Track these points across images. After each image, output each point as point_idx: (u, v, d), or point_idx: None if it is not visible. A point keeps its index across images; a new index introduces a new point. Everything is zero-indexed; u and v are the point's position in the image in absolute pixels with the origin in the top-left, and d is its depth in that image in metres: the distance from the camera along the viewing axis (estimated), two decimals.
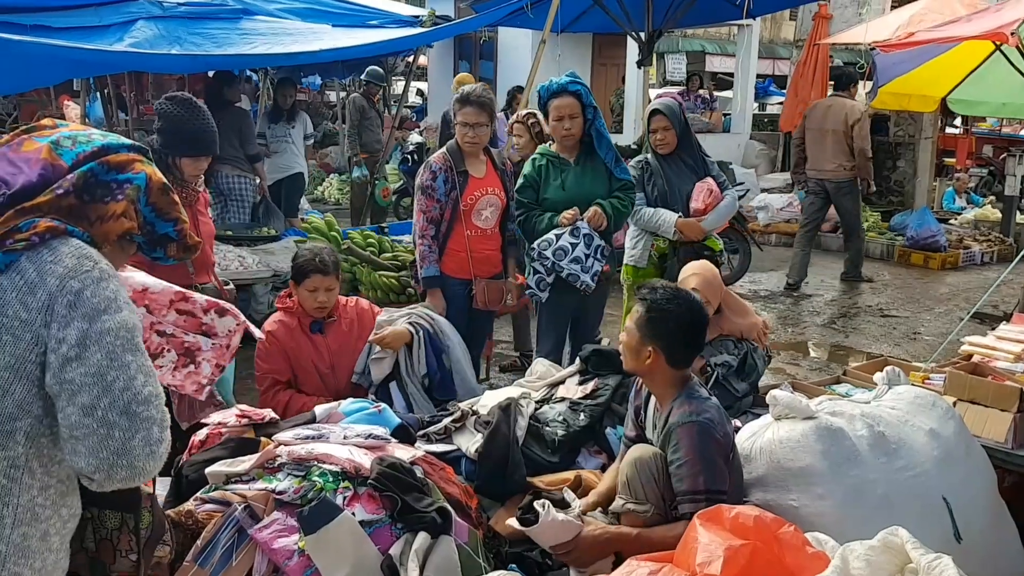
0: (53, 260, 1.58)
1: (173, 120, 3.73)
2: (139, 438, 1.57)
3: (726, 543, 2.30)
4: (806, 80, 11.72)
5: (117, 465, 1.56)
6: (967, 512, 3.02)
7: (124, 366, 1.57)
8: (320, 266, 3.89)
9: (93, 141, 1.71)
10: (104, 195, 1.68)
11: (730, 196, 4.91)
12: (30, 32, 5.77)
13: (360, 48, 7.25)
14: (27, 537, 1.59)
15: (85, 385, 1.53)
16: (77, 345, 1.54)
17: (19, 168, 1.63)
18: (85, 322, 1.55)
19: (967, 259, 10.19)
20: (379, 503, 2.77)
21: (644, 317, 2.93)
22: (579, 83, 4.50)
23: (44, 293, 1.55)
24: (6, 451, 1.55)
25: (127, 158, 1.74)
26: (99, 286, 1.59)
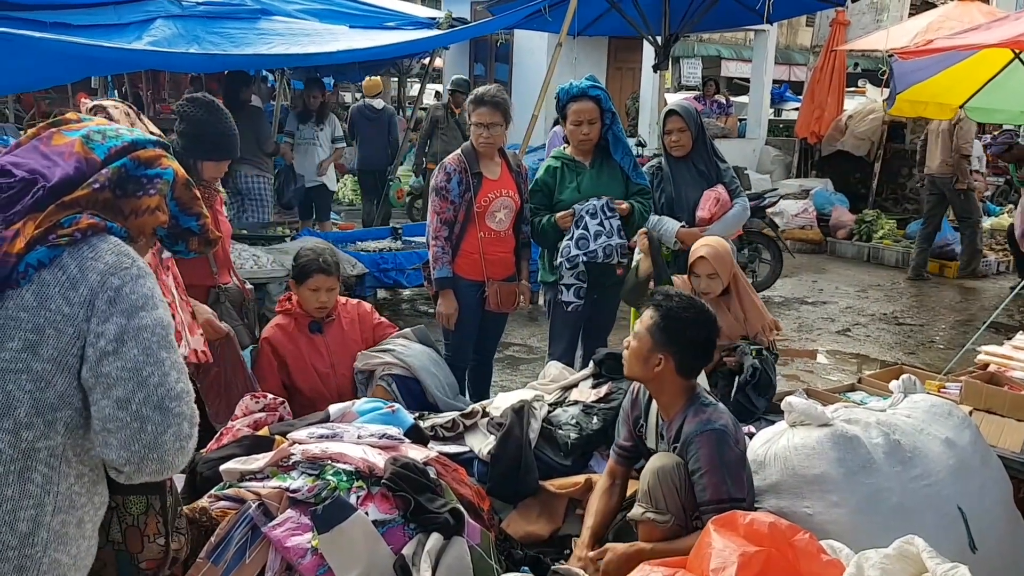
0: (94, 256, 1.61)
1: (195, 123, 3.70)
2: (170, 433, 1.61)
3: (740, 549, 2.30)
4: (823, 86, 11.68)
5: (148, 459, 1.60)
6: (982, 522, 3.00)
7: (159, 362, 1.60)
8: (323, 266, 3.92)
9: (122, 136, 1.74)
10: (136, 190, 1.72)
11: (739, 205, 4.86)
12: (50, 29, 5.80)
13: (377, 49, 7.28)
14: (65, 524, 1.63)
15: (121, 379, 1.57)
16: (115, 340, 1.57)
17: (54, 161, 1.66)
18: (123, 318, 1.58)
19: (983, 268, 10.12)
20: (392, 503, 2.77)
21: (658, 324, 2.91)
22: (599, 88, 4.50)
23: (86, 288, 1.58)
24: (47, 440, 1.59)
25: (155, 154, 1.77)
26: (137, 283, 1.63)
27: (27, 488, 1.57)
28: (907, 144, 12.12)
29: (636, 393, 3.18)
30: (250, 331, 4.01)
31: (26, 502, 1.57)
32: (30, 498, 1.58)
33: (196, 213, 1.85)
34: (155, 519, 1.91)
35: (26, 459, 1.57)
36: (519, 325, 7.06)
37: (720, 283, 4.06)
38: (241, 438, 3.19)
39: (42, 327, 1.56)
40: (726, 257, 4.09)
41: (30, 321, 1.56)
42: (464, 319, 4.51)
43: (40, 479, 1.59)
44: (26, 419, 1.56)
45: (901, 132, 12.17)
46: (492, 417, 3.55)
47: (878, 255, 10.62)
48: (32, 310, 1.56)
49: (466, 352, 4.67)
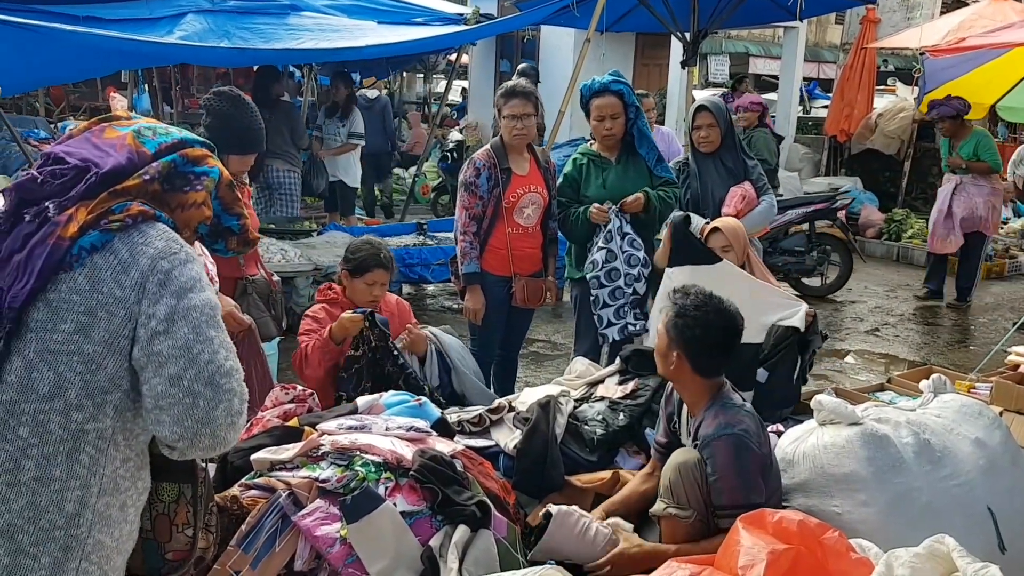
0: (144, 242, 1.66)
1: (222, 117, 3.72)
2: (222, 408, 1.63)
3: (769, 547, 2.29)
4: (852, 84, 11.58)
5: (201, 433, 1.62)
6: (1012, 523, 2.98)
7: (208, 340, 1.64)
8: (384, 261, 3.96)
9: (171, 134, 1.80)
10: (183, 184, 1.77)
11: (766, 202, 4.82)
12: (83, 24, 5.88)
13: (404, 45, 7.31)
14: (109, 507, 1.66)
15: (172, 357, 1.60)
16: (166, 320, 1.61)
17: (106, 152, 1.71)
18: (173, 299, 1.63)
19: (1013, 269, 10.02)
20: (420, 495, 2.79)
21: (673, 322, 2.91)
22: (622, 82, 4.48)
23: (137, 272, 1.62)
24: (96, 423, 1.62)
25: (202, 153, 1.83)
26: (185, 267, 1.67)
27: (74, 469, 1.60)
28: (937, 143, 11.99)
29: (670, 389, 3.18)
30: (277, 323, 4.03)
31: (73, 483, 1.60)
32: (77, 479, 1.60)
33: (237, 213, 1.91)
34: (185, 508, 1.92)
35: (75, 440, 1.60)
36: (544, 321, 7.06)
37: (734, 257, 4.05)
38: (271, 428, 3.22)
39: (94, 309, 1.59)
40: (740, 232, 4.12)
41: (83, 304, 1.59)
42: (491, 314, 4.51)
43: (88, 460, 1.61)
44: (76, 400, 1.59)
45: (931, 131, 12.03)
46: (518, 412, 3.56)
47: (907, 254, 10.52)
48: (85, 293, 1.60)
49: (492, 347, 4.68)
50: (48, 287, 1.59)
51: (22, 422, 1.57)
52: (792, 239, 8.21)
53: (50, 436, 1.58)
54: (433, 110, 14.80)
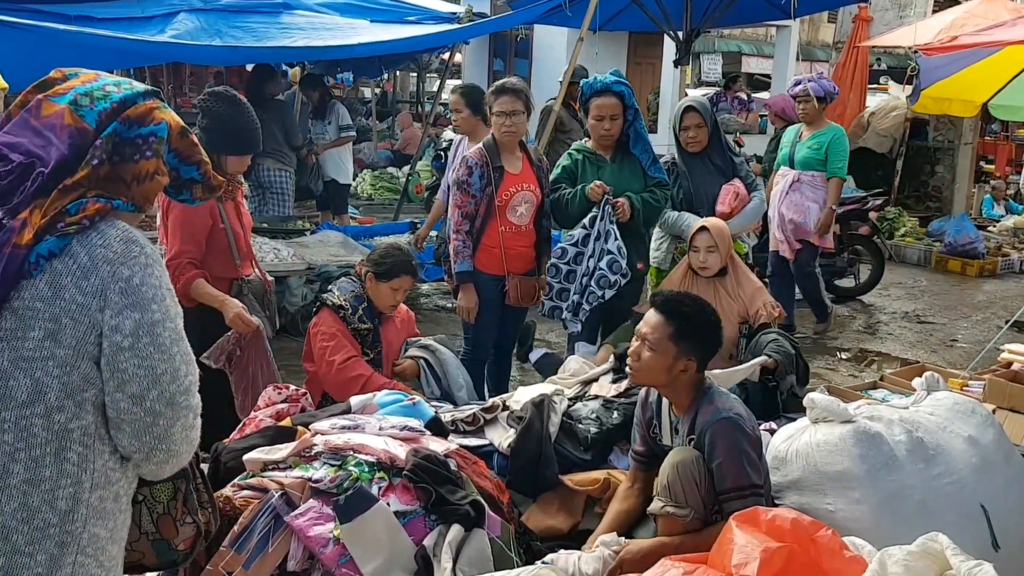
0: (103, 244, 1.62)
1: (218, 118, 3.69)
2: (179, 425, 1.66)
3: (762, 545, 2.29)
4: (845, 83, 11.59)
5: (157, 449, 1.66)
6: (1005, 520, 2.98)
7: (171, 358, 1.64)
8: (413, 269, 4.01)
9: (110, 96, 1.70)
10: (133, 153, 1.70)
11: (757, 198, 4.87)
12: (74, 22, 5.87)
13: (397, 43, 7.31)
14: (103, 499, 1.66)
15: (136, 376, 1.60)
16: (131, 335, 1.60)
17: (47, 139, 1.64)
18: (137, 312, 1.60)
19: (1005, 267, 10.05)
20: (413, 494, 2.79)
21: (679, 331, 2.89)
22: (623, 83, 4.49)
23: (96, 278, 1.60)
24: (79, 420, 1.62)
25: (145, 108, 1.73)
26: (147, 272, 1.64)
27: (64, 468, 1.61)
28: (930, 141, 12.03)
29: (645, 396, 3.18)
30: (272, 323, 4.02)
31: (64, 481, 1.61)
32: (68, 477, 1.61)
33: (197, 161, 1.82)
34: (181, 502, 1.93)
35: (61, 440, 1.60)
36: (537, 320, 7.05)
37: (718, 258, 4.09)
38: (264, 428, 3.21)
39: (58, 316, 1.58)
40: (726, 233, 4.15)
41: (47, 311, 1.57)
42: (484, 313, 4.51)
43: (76, 458, 1.62)
44: (56, 402, 1.59)
45: (924, 129, 12.07)
46: (512, 410, 3.56)
47: (900, 253, 10.55)
48: (47, 300, 1.58)
49: (486, 346, 4.67)
50: (12, 295, 1.57)
51: (5, 429, 1.57)
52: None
53: (35, 439, 1.58)
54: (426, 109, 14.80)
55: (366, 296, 3.98)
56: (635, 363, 2.97)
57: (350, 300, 3.95)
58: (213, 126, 3.68)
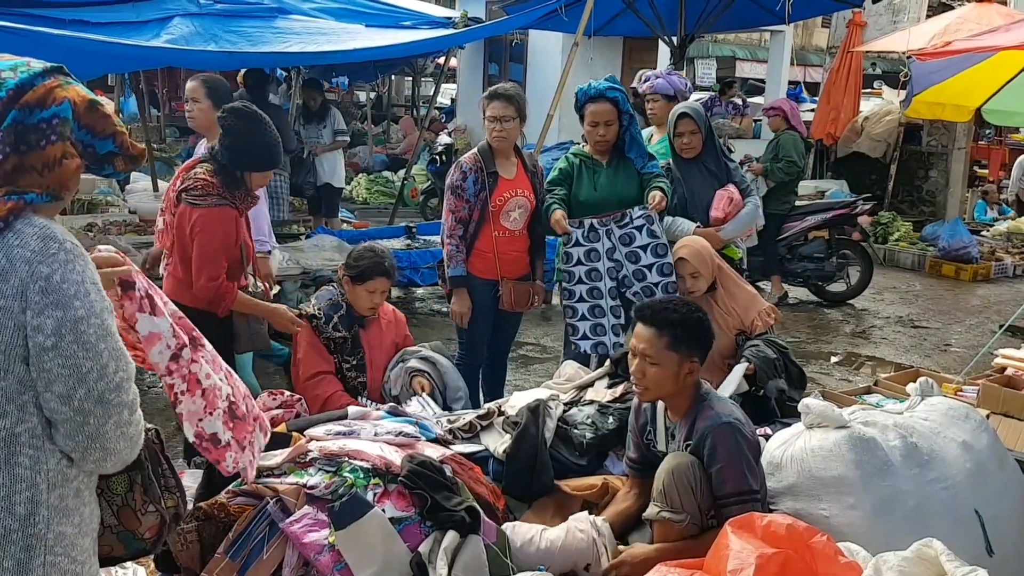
0: (20, 244, 1.59)
1: (241, 135, 3.63)
2: (111, 423, 1.64)
3: (758, 551, 2.29)
4: (839, 87, 11.62)
5: (91, 448, 1.64)
6: (999, 525, 2.99)
7: (97, 355, 1.61)
8: (387, 271, 3.98)
9: (5, 83, 1.63)
10: (38, 139, 1.64)
11: (752, 204, 4.86)
12: (70, 27, 5.85)
13: (392, 48, 7.30)
14: (63, 498, 1.66)
15: (61, 376, 1.58)
16: (53, 335, 1.57)
17: None
18: (59, 310, 1.57)
19: (999, 271, 10.09)
20: (409, 500, 2.79)
21: (676, 337, 2.88)
22: (618, 89, 4.48)
23: (16, 279, 1.57)
24: (25, 424, 1.61)
25: (44, 89, 1.66)
26: (67, 268, 1.60)
27: (17, 472, 1.60)
28: (923, 146, 12.07)
29: (639, 402, 3.18)
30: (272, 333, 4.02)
31: (19, 486, 1.60)
32: (22, 481, 1.60)
33: (111, 133, 1.75)
34: (139, 491, 1.92)
35: (8, 447, 1.60)
36: (532, 324, 7.06)
37: (704, 281, 4.09)
38: None
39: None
40: (705, 253, 4.13)
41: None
42: (478, 318, 4.51)
43: (28, 461, 1.61)
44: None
45: (917, 134, 12.11)
46: (507, 416, 3.55)
47: (894, 257, 10.58)
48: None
49: (480, 351, 4.67)
50: None
51: None
52: (812, 245, 8.23)
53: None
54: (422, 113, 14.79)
55: (344, 302, 3.98)
56: (642, 381, 2.94)
57: (324, 308, 3.95)
58: (235, 144, 3.62)
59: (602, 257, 4.35)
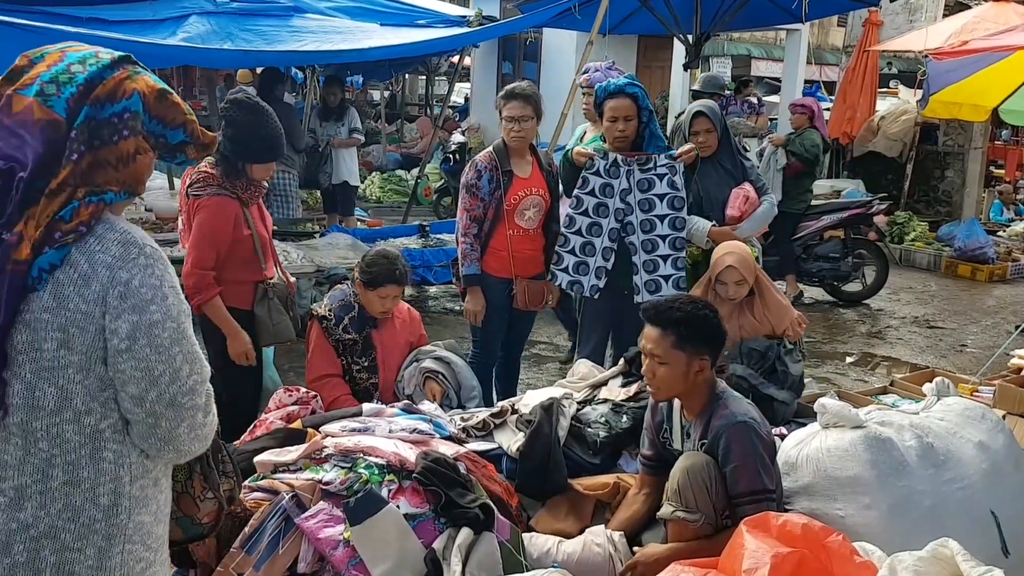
0: (101, 249, 1.61)
1: (242, 127, 3.68)
2: (184, 426, 1.67)
3: (773, 550, 2.29)
4: (855, 86, 11.57)
5: (164, 450, 1.68)
6: (1015, 526, 2.98)
7: (170, 358, 1.63)
8: (398, 277, 3.97)
9: (75, 78, 1.63)
10: (111, 134, 1.63)
11: (768, 202, 4.84)
12: (86, 25, 5.88)
13: (407, 47, 7.30)
14: (143, 488, 1.70)
15: (134, 378, 1.61)
16: (128, 338, 1.60)
17: (21, 137, 1.59)
18: (135, 314, 1.60)
19: (1015, 272, 10.02)
20: (423, 497, 2.79)
21: (679, 337, 2.87)
22: (637, 85, 4.49)
23: (97, 284, 1.59)
24: (108, 419, 1.64)
25: (114, 82, 1.65)
26: (146, 273, 1.62)
27: (101, 466, 1.64)
28: (940, 146, 12.00)
29: (655, 402, 3.17)
30: (295, 324, 4.03)
31: (103, 478, 1.64)
32: (105, 474, 1.65)
33: (182, 123, 1.74)
34: (199, 479, 1.97)
35: (93, 442, 1.63)
36: (545, 323, 7.05)
37: (747, 287, 4.05)
38: (274, 430, 3.22)
39: (65, 326, 1.58)
40: (750, 260, 4.10)
41: (54, 321, 1.58)
42: (492, 316, 4.51)
43: (111, 455, 1.65)
44: (84, 407, 1.62)
45: (934, 134, 12.04)
46: (521, 414, 3.56)
47: (910, 257, 10.53)
48: (53, 311, 1.58)
49: (493, 349, 4.67)
50: (22, 307, 1.57)
51: (39, 437, 1.60)
52: (827, 245, 8.20)
53: (68, 444, 1.61)
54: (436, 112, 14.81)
55: (357, 303, 3.99)
56: (652, 381, 2.95)
57: (335, 310, 3.96)
58: (237, 135, 3.66)
59: (615, 195, 4.38)
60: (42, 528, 1.61)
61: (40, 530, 1.61)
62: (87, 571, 1.63)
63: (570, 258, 4.45)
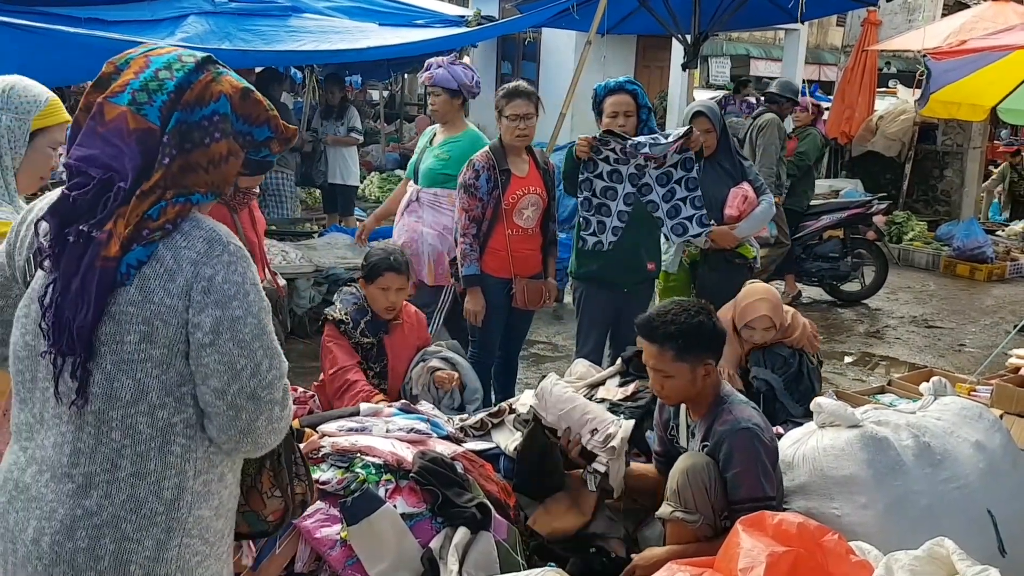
0: (187, 245, 1.65)
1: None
2: (263, 419, 1.70)
3: (769, 549, 2.29)
4: (854, 86, 11.57)
5: (242, 442, 1.71)
6: (1012, 526, 2.98)
7: (252, 353, 1.67)
8: (394, 264, 3.93)
9: (165, 86, 1.67)
10: (202, 136, 1.68)
11: (766, 202, 4.85)
12: (85, 25, 5.89)
13: (405, 46, 7.31)
14: (207, 483, 1.72)
15: (216, 371, 1.65)
16: (211, 332, 1.64)
17: (117, 148, 1.64)
18: (218, 309, 1.64)
19: (1014, 271, 10.02)
20: (420, 496, 2.80)
21: (679, 350, 2.86)
22: (635, 83, 4.55)
23: (182, 279, 1.63)
24: (181, 414, 1.68)
25: (201, 85, 1.69)
26: (229, 270, 1.66)
27: (168, 460, 1.67)
28: (938, 145, 12.00)
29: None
30: (284, 328, 4.02)
31: (168, 472, 1.67)
32: (172, 468, 1.68)
33: (266, 119, 1.78)
34: (268, 475, 1.97)
35: (164, 435, 1.67)
36: (544, 323, 7.06)
37: (774, 332, 4.01)
38: None
39: (149, 319, 1.62)
40: (781, 306, 4.06)
41: (138, 315, 1.62)
42: (491, 316, 4.51)
43: (179, 450, 1.68)
44: (158, 400, 1.65)
45: (932, 133, 12.04)
46: (519, 414, 3.56)
47: (908, 257, 10.53)
48: (138, 304, 1.62)
49: (493, 350, 4.67)
50: (108, 300, 1.62)
51: (113, 427, 1.64)
52: (826, 245, 8.21)
53: (140, 436, 1.65)
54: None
55: (368, 307, 3.97)
56: (662, 392, 2.98)
57: (352, 313, 3.94)
58: None
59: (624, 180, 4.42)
60: (105, 517, 1.65)
61: (103, 519, 1.64)
62: (145, 561, 1.66)
63: (593, 220, 4.49)
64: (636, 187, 4.44)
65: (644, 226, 4.55)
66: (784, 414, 3.86)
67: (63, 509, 1.65)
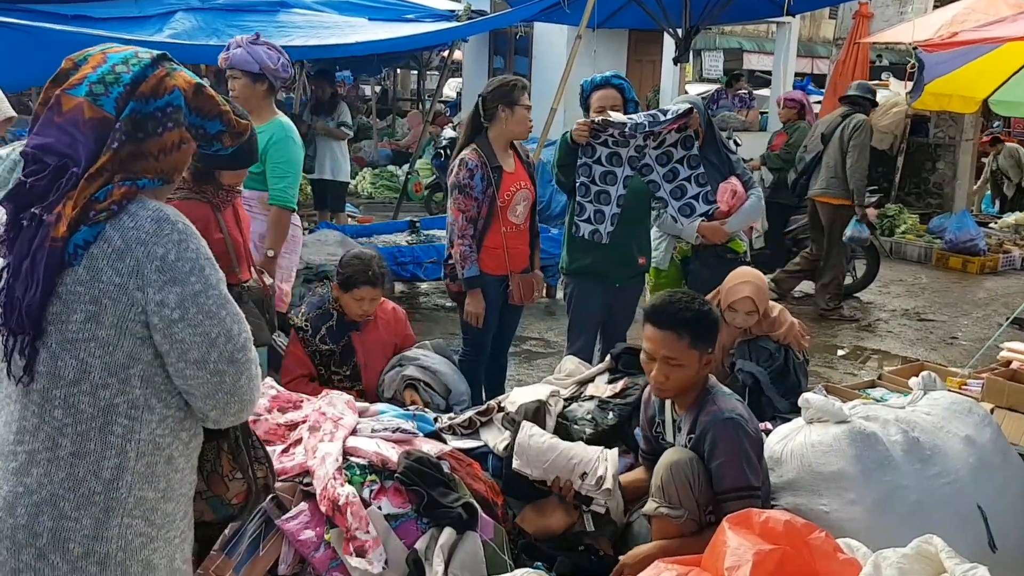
0: (135, 226, 1.69)
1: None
2: (244, 378, 1.78)
3: (755, 547, 2.27)
4: (846, 79, 11.52)
5: (230, 403, 1.78)
6: (1003, 521, 2.97)
7: (221, 320, 1.73)
8: (371, 279, 3.94)
9: (121, 79, 1.73)
10: (156, 127, 1.74)
11: (755, 196, 4.82)
12: (71, 22, 5.85)
13: (395, 41, 7.30)
14: (151, 465, 1.75)
15: (195, 343, 1.70)
16: (178, 307, 1.68)
17: (72, 136, 1.69)
18: (178, 285, 1.69)
19: (1006, 264, 10.02)
20: (405, 497, 2.78)
21: (694, 337, 2.84)
22: (622, 78, 4.53)
23: (132, 259, 1.67)
24: (125, 396, 1.71)
25: (156, 79, 1.75)
26: (180, 248, 1.70)
27: (108, 440, 1.70)
28: (931, 138, 11.99)
29: (648, 396, 3.17)
30: (271, 327, 3.99)
31: (109, 452, 1.71)
32: (112, 448, 1.71)
33: (218, 113, 1.86)
34: (227, 458, 2.01)
35: (106, 416, 1.70)
36: (536, 319, 7.04)
37: (756, 317, 4.01)
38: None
39: (98, 298, 1.66)
40: (765, 288, 4.06)
41: (87, 293, 1.66)
42: (488, 315, 4.46)
43: (121, 430, 1.71)
44: (101, 380, 1.69)
45: (924, 126, 12.03)
46: (507, 412, 3.53)
47: (900, 250, 10.53)
48: (86, 283, 1.66)
49: (486, 348, 4.60)
50: (56, 281, 1.67)
51: (55, 406, 1.69)
52: None
53: (81, 415, 1.69)
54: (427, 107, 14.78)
55: (335, 309, 3.95)
56: (665, 384, 2.90)
57: (313, 319, 3.93)
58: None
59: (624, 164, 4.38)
60: (44, 495, 1.68)
61: (42, 496, 1.68)
62: (83, 540, 1.68)
63: (590, 207, 4.43)
64: (636, 169, 4.40)
65: (636, 220, 4.52)
66: (771, 409, 3.85)
67: (7, 486, 1.69)
